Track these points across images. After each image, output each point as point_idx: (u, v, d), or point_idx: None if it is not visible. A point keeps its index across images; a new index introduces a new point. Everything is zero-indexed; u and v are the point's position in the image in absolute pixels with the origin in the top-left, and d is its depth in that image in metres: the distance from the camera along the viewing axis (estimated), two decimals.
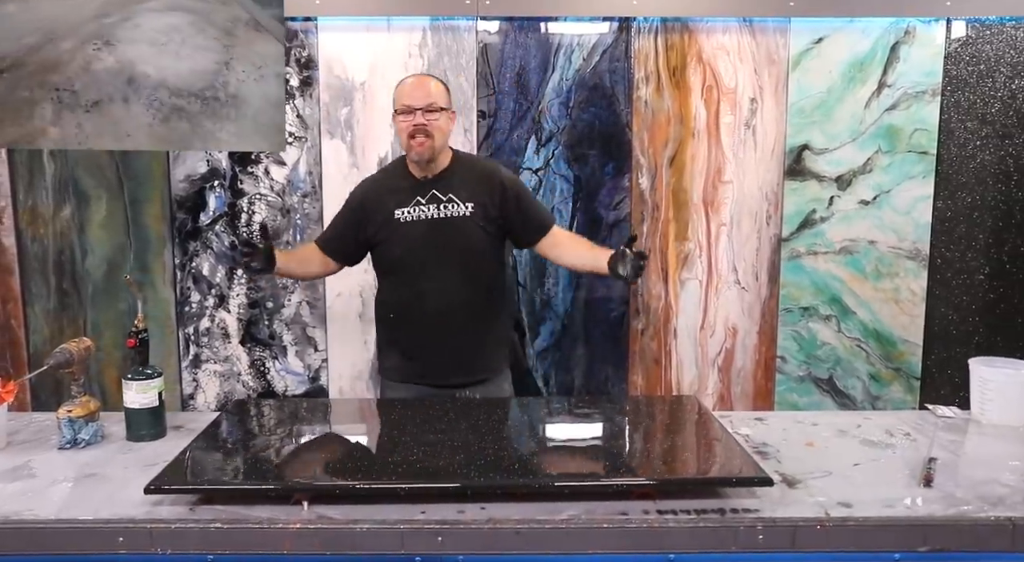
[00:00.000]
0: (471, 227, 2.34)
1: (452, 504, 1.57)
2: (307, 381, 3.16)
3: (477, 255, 2.37)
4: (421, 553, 1.51)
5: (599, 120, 3.05)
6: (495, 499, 1.59)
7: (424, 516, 1.53)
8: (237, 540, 1.50)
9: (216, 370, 3.15)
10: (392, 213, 2.34)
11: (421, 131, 2.27)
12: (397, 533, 1.50)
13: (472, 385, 2.40)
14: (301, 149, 3.05)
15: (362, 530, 1.50)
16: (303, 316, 3.13)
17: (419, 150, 2.28)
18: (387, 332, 2.48)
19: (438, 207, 2.33)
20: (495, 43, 3.01)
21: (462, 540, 1.51)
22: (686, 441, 1.90)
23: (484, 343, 2.44)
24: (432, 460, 1.71)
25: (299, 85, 3.01)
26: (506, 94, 3.03)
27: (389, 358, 2.48)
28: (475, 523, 1.51)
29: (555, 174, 3.08)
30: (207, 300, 3.11)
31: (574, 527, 1.50)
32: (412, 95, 2.29)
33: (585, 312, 3.16)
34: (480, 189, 2.35)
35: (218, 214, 3.06)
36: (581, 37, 3.01)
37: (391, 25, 2.99)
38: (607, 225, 3.10)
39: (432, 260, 2.33)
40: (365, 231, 2.39)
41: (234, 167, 3.04)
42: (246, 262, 2.24)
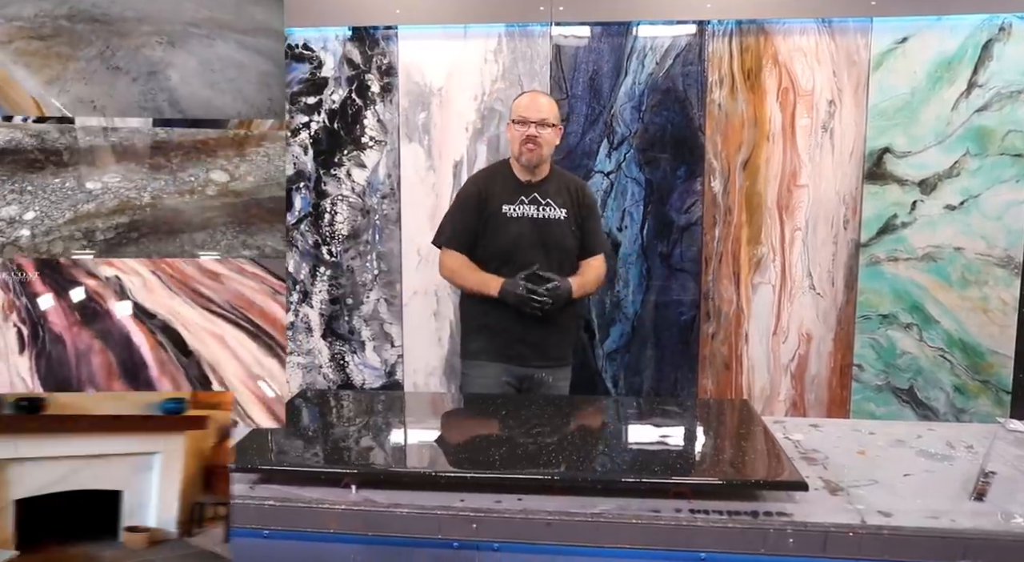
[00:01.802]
0: (563, 229, 2.68)
1: (491, 494, 1.63)
2: (384, 375, 3.30)
3: (566, 253, 2.70)
4: (457, 538, 1.58)
5: (671, 123, 3.06)
6: (532, 491, 1.64)
7: (462, 504, 1.60)
8: (287, 518, 1.62)
9: (299, 362, 3.32)
10: (500, 207, 2.66)
11: (532, 140, 2.60)
12: (435, 518, 1.58)
13: (547, 367, 2.69)
14: (381, 152, 3.18)
15: (402, 514, 1.58)
16: (381, 313, 3.26)
17: (529, 156, 2.62)
18: (479, 316, 2.71)
19: (538, 208, 2.67)
20: (568, 48, 3.07)
21: (496, 528, 1.57)
22: (727, 443, 1.91)
23: (564, 331, 2.75)
24: (475, 451, 1.78)
25: (380, 91, 3.14)
26: (579, 98, 3.08)
27: (477, 340, 2.72)
28: (509, 512, 1.57)
29: (627, 177, 3.10)
30: (292, 296, 3.29)
31: (604, 521, 1.54)
32: (528, 108, 2.63)
33: (655, 314, 3.17)
34: (570, 200, 2.71)
35: (303, 214, 3.23)
36: (654, 41, 3.03)
37: (467, 32, 3.08)
38: (678, 228, 3.10)
39: (531, 253, 2.62)
40: (480, 220, 2.67)
41: (318, 169, 3.20)
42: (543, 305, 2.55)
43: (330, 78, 3.15)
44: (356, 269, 3.24)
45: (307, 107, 3.17)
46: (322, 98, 3.16)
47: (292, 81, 3.16)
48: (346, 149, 3.19)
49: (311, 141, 3.19)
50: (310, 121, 3.18)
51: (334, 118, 3.17)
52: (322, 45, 3.14)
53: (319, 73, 3.15)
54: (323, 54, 3.14)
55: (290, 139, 3.18)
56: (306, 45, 3.14)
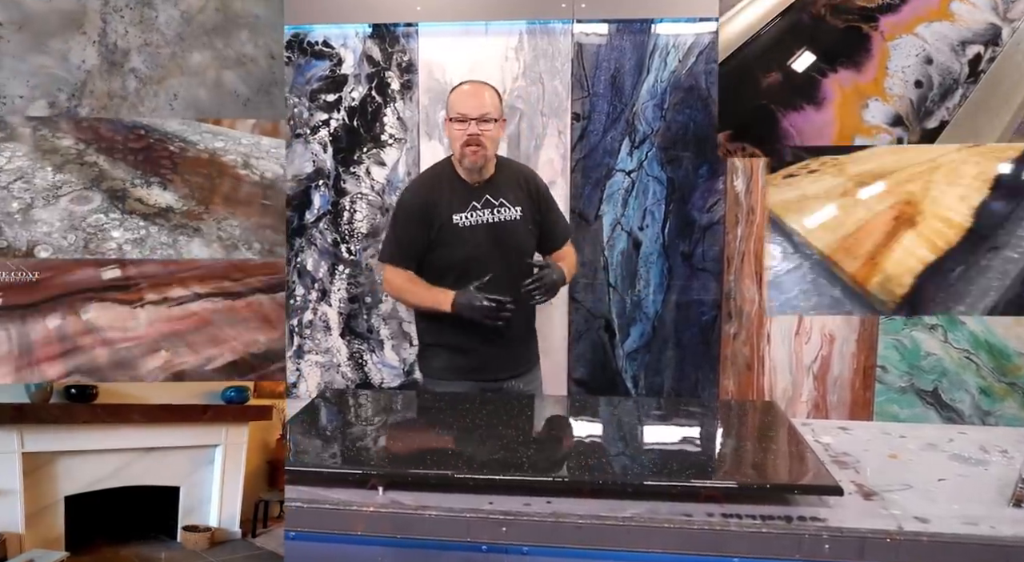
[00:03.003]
0: (521, 229, 2.52)
1: (519, 497, 1.62)
2: (402, 374, 3.28)
3: (526, 255, 2.53)
4: (486, 542, 1.56)
5: (694, 122, 3.03)
6: (562, 494, 1.63)
7: (491, 507, 1.58)
8: (315, 519, 1.60)
9: (317, 361, 3.31)
10: (450, 218, 2.45)
11: (475, 142, 2.39)
12: (463, 521, 1.56)
13: (515, 376, 2.56)
14: (401, 150, 3.16)
15: (431, 516, 1.57)
16: (399, 312, 3.25)
17: (473, 159, 2.42)
18: (438, 332, 2.54)
19: (492, 211, 2.48)
20: (590, 46, 3.04)
21: (526, 531, 1.55)
22: (759, 446, 1.88)
23: (530, 338, 2.64)
24: (503, 453, 1.76)
25: (399, 88, 3.12)
26: (600, 96, 3.05)
27: (438, 358, 2.57)
28: (539, 516, 1.55)
29: (648, 176, 3.08)
30: (311, 294, 3.27)
31: (635, 525, 1.52)
32: (467, 104, 2.42)
33: (676, 314, 3.14)
34: (522, 193, 2.54)
35: (322, 212, 3.22)
36: (677, 38, 3.00)
37: (488, 29, 3.06)
38: (700, 227, 3.07)
39: (491, 261, 2.44)
40: (428, 235, 2.47)
41: (337, 167, 3.19)
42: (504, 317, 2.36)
43: (350, 75, 3.13)
44: (375, 267, 3.22)
45: (326, 104, 3.16)
46: (341, 95, 3.15)
47: (311, 78, 3.14)
48: (365, 147, 3.17)
49: (330, 139, 3.17)
50: (329, 118, 3.16)
51: (353, 116, 3.15)
52: (342, 42, 3.12)
53: (339, 70, 3.13)
54: (343, 51, 3.12)
55: (309, 136, 3.17)
56: (326, 42, 3.12)
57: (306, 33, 3.12)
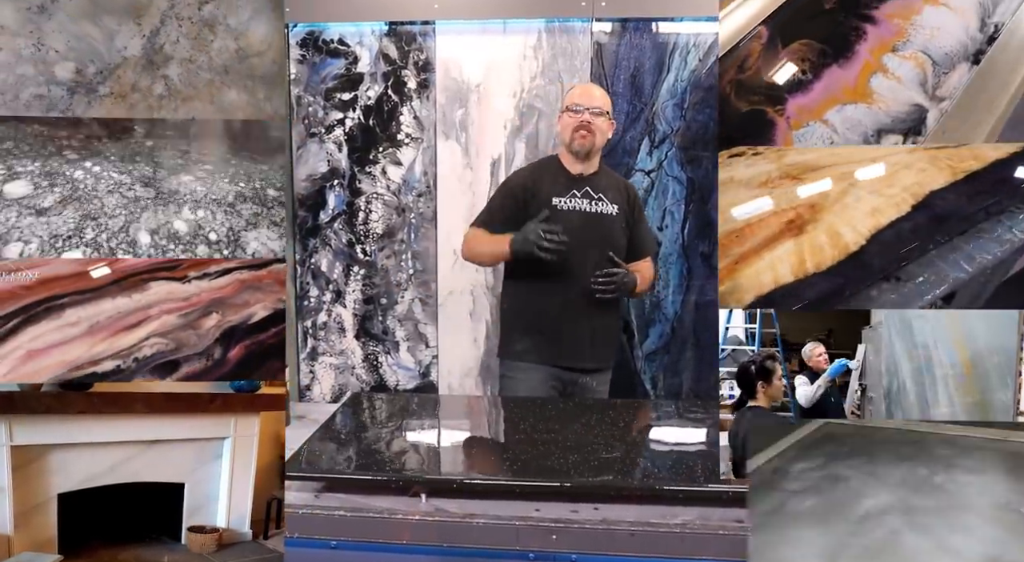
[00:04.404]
0: (615, 225, 2.58)
1: (565, 503, 1.59)
2: (418, 376, 3.24)
3: (617, 251, 2.56)
4: (535, 550, 1.53)
5: (714, 121, 3.01)
6: (608, 500, 1.59)
7: (539, 514, 1.55)
8: (359, 528, 1.56)
9: (332, 363, 3.27)
10: (550, 200, 2.53)
11: (585, 127, 2.50)
12: (513, 529, 1.52)
13: (593, 371, 2.57)
14: (417, 150, 3.12)
15: (479, 525, 1.53)
16: (415, 313, 3.21)
17: (581, 142, 2.52)
18: (524, 314, 2.59)
19: (590, 203, 2.56)
20: (610, 45, 3.01)
21: (576, 539, 1.52)
22: None
23: (610, 331, 2.65)
24: (546, 459, 1.73)
25: (416, 87, 3.09)
26: (620, 96, 3.02)
27: (521, 341, 2.57)
28: (589, 523, 1.52)
29: (668, 176, 3.05)
30: (325, 295, 3.23)
31: (689, 532, 1.49)
32: (582, 96, 2.56)
33: (695, 315, 3.12)
34: (620, 197, 2.61)
35: (337, 212, 3.18)
36: (697, 37, 2.97)
37: (507, 28, 3.03)
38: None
39: (583, 248, 2.49)
40: (526, 213, 2.51)
41: (352, 167, 3.15)
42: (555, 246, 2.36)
43: (366, 74, 3.09)
44: (391, 268, 3.19)
45: (342, 103, 3.11)
46: (357, 94, 3.11)
47: (326, 77, 3.10)
48: (381, 146, 3.13)
49: (345, 138, 3.13)
50: (344, 117, 3.12)
51: (369, 115, 3.11)
52: (358, 40, 3.08)
53: (354, 69, 3.09)
54: (359, 49, 3.08)
55: (324, 136, 3.13)
56: (341, 40, 3.08)
57: (321, 31, 3.08)
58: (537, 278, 2.50)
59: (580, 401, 2.29)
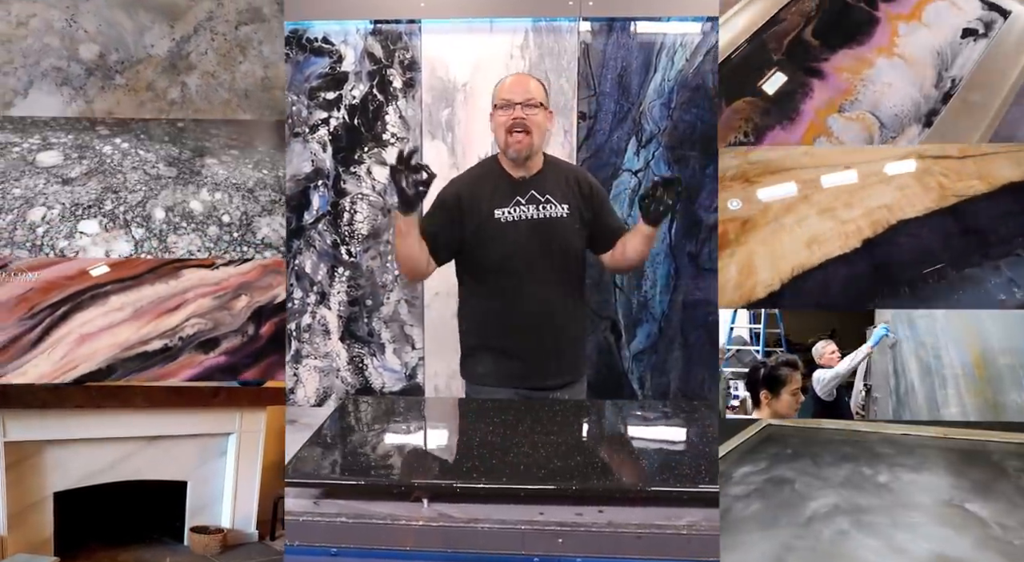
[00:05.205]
0: (567, 228, 2.35)
1: (569, 506, 1.57)
2: (404, 378, 3.21)
3: (573, 256, 2.38)
4: (540, 554, 1.51)
5: (701, 121, 3.01)
6: (612, 502, 1.58)
7: (543, 517, 1.53)
8: (361, 535, 1.54)
9: (316, 366, 3.22)
10: (491, 213, 2.32)
11: (520, 126, 2.27)
12: (518, 533, 1.51)
13: (564, 386, 2.39)
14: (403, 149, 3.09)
15: (484, 529, 1.51)
16: (401, 314, 3.18)
17: (517, 147, 2.29)
18: (481, 336, 2.43)
19: (537, 208, 2.33)
20: (597, 44, 3.00)
21: (583, 542, 1.51)
22: None
23: (577, 344, 2.47)
24: (548, 461, 1.72)
25: (402, 86, 3.06)
26: (607, 95, 3.02)
27: (482, 363, 2.41)
28: (595, 526, 1.51)
29: (655, 176, 3.05)
30: (309, 297, 3.19)
31: (696, 534, 1.48)
32: (512, 90, 2.32)
33: (683, 314, 3.12)
34: (571, 191, 2.37)
35: (321, 213, 3.14)
36: (684, 37, 2.98)
37: (493, 27, 3.01)
38: (707, 227, 3.06)
39: (534, 261, 2.32)
40: (463, 230, 2.34)
41: (337, 167, 3.11)
42: (417, 179, 2.12)
43: (350, 73, 3.05)
44: (376, 270, 3.15)
45: (326, 103, 3.07)
46: (342, 93, 3.07)
47: (310, 75, 3.06)
48: (366, 146, 3.09)
49: (330, 138, 3.09)
50: (329, 117, 3.08)
51: (354, 114, 3.08)
52: (342, 39, 3.04)
53: (339, 68, 3.05)
54: (343, 48, 3.04)
55: (308, 135, 3.08)
56: (325, 38, 3.04)
57: (305, 29, 3.03)
58: (492, 295, 2.36)
59: (580, 401, 2.28)
